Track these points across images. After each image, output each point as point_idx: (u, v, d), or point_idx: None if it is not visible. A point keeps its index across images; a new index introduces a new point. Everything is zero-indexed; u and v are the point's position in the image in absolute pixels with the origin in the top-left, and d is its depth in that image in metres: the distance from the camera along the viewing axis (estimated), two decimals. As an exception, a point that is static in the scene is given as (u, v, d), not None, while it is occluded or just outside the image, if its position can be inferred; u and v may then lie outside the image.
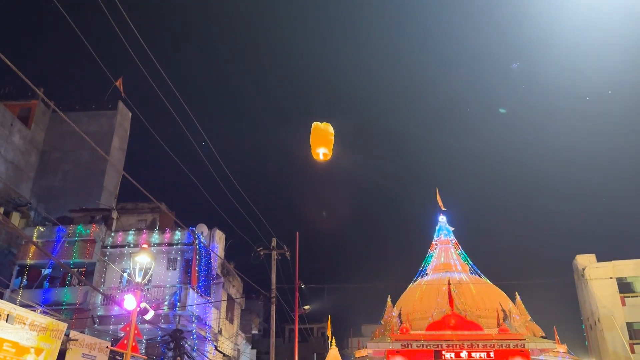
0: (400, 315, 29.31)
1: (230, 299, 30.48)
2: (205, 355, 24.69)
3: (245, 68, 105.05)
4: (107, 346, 17.82)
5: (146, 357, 20.35)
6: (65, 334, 15.27)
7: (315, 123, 11.27)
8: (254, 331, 38.36)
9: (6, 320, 13.00)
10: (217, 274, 27.90)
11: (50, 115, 36.09)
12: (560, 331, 28.81)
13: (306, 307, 24.87)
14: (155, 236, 25.74)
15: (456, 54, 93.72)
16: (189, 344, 23.33)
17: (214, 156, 14.65)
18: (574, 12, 75.45)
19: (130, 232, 25.99)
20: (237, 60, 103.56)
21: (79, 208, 28.98)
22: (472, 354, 24.28)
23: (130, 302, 14.08)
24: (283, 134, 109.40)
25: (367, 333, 42.33)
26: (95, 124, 36.41)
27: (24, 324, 13.56)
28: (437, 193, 36.73)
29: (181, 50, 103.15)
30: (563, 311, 42.99)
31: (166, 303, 23.55)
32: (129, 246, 25.19)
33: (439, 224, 36.16)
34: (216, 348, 26.31)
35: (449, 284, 27.33)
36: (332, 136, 11.27)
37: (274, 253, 20.95)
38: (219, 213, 17.30)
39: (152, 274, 22.99)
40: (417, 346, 24.58)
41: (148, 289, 23.25)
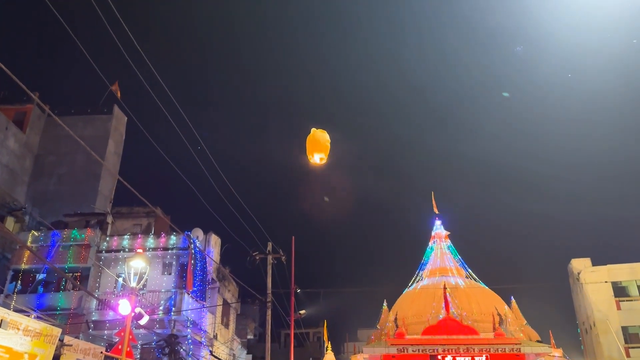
0: (396, 319, 29.24)
1: (225, 303, 30.40)
2: (201, 361, 24.61)
3: (242, 72, 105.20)
4: (102, 351, 17.73)
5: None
6: (59, 339, 15.19)
7: (313, 130, 11.41)
8: (249, 336, 38.31)
9: (0, 326, 12.91)
10: (213, 279, 27.82)
11: (45, 119, 36.01)
12: (555, 335, 28.87)
13: (302, 312, 24.82)
14: (151, 241, 25.68)
15: (454, 57, 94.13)
16: (184, 349, 23.24)
17: (209, 160, 14.64)
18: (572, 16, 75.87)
19: (126, 237, 25.92)
20: (234, 64, 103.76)
21: (73, 212, 28.87)
22: (468, 359, 24.29)
23: (125, 307, 14.02)
24: (279, 138, 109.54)
25: (363, 338, 42.30)
26: (91, 128, 36.33)
27: (18, 329, 13.48)
28: (433, 197, 36.81)
29: (178, 53, 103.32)
30: (558, 315, 43.11)
31: (161, 308, 23.47)
32: (124, 251, 25.11)
33: (434, 228, 36.18)
34: (211, 353, 26.20)
35: (445, 288, 27.35)
36: (329, 143, 11.44)
37: (269, 257, 20.90)
38: (215, 217, 17.28)
39: (147, 279, 22.80)
40: (413, 351, 24.60)
41: (143, 294, 23.17)
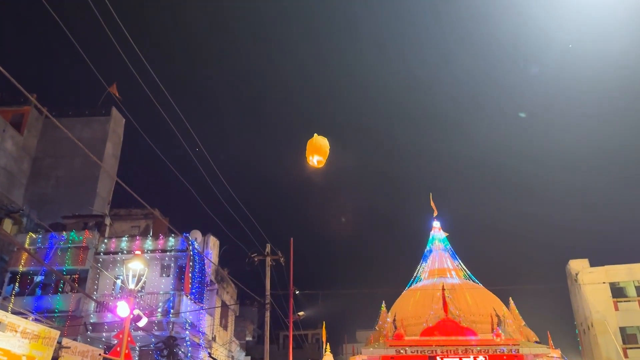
0: (394, 320, 29.24)
1: (224, 305, 30.37)
2: (199, 362, 24.58)
3: (240, 73, 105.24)
4: (100, 354, 17.71)
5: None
6: (57, 342, 15.18)
7: (315, 135, 11.66)
8: (248, 338, 38.27)
9: (-2, 328, 12.89)
10: (211, 281, 27.80)
11: (43, 121, 35.96)
12: (553, 336, 28.84)
13: (300, 314, 24.76)
14: (149, 242, 25.64)
15: (452, 59, 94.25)
16: (182, 351, 23.21)
17: (208, 162, 14.63)
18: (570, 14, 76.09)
19: (124, 239, 25.89)
20: (232, 65, 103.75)
21: (71, 214, 28.84)
22: (467, 360, 24.32)
23: (123, 309, 14.00)
24: (278, 139, 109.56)
25: (362, 339, 42.24)
26: (89, 130, 36.28)
27: (16, 331, 13.46)
28: (431, 199, 36.83)
29: (177, 55, 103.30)
30: (556, 316, 43.06)
31: (159, 310, 23.44)
32: (122, 253, 25.07)
33: (432, 229, 36.19)
34: (210, 355, 26.18)
35: (443, 289, 27.36)
36: (328, 148, 11.70)
37: (268, 259, 20.87)
38: (213, 219, 17.27)
39: (146, 281, 22.80)
40: (412, 352, 24.61)
41: (141, 296, 23.13)
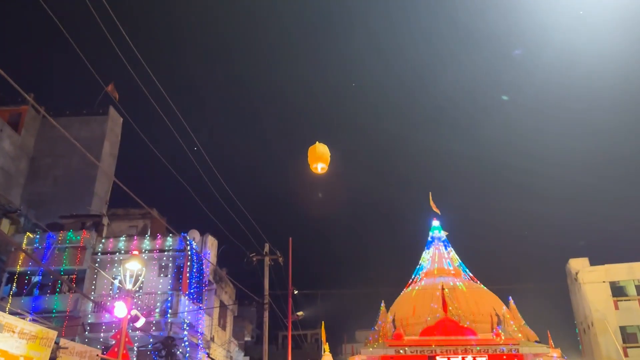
0: (394, 320, 29.18)
1: (222, 305, 30.26)
2: (198, 363, 24.46)
3: (240, 72, 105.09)
4: (98, 354, 17.55)
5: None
6: (55, 342, 15.02)
7: (317, 143, 11.93)
8: (246, 338, 38.14)
9: (-6, 329, 12.76)
10: (209, 280, 27.68)
11: (40, 121, 35.79)
12: (553, 335, 28.80)
13: (299, 314, 24.68)
14: (147, 242, 25.51)
15: (450, 56, 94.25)
16: (180, 352, 23.10)
17: (206, 161, 14.53)
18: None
19: (121, 239, 25.76)
20: (232, 66, 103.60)
21: (69, 214, 28.69)
22: (466, 359, 24.24)
23: (121, 310, 13.91)
24: (277, 140, 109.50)
25: (361, 339, 42.18)
26: (86, 129, 36.09)
27: (13, 332, 13.32)
28: (430, 197, 36.75)
29: (176, 55, 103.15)
30: (556, 315, 42.99)
31: (157, 310, 23.33)
32: (120, 253, 24.95)
33: (432, 228, 36.13)
34: (208, 355, 26.07)
35: (443, 289, 27.31)
36: (329, 155, 11.93)
37: (266, 259, 20.78)
38: (211, 219, 17.17)
39: (143, 281, 22.82)
40: (411, 352, 24.55)
41: (139, 296, 23.04)
